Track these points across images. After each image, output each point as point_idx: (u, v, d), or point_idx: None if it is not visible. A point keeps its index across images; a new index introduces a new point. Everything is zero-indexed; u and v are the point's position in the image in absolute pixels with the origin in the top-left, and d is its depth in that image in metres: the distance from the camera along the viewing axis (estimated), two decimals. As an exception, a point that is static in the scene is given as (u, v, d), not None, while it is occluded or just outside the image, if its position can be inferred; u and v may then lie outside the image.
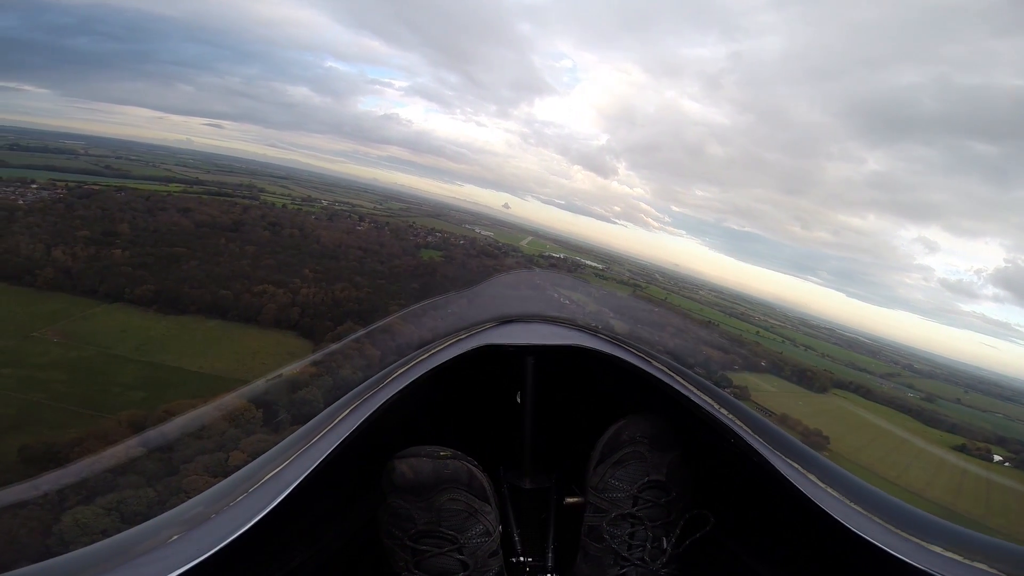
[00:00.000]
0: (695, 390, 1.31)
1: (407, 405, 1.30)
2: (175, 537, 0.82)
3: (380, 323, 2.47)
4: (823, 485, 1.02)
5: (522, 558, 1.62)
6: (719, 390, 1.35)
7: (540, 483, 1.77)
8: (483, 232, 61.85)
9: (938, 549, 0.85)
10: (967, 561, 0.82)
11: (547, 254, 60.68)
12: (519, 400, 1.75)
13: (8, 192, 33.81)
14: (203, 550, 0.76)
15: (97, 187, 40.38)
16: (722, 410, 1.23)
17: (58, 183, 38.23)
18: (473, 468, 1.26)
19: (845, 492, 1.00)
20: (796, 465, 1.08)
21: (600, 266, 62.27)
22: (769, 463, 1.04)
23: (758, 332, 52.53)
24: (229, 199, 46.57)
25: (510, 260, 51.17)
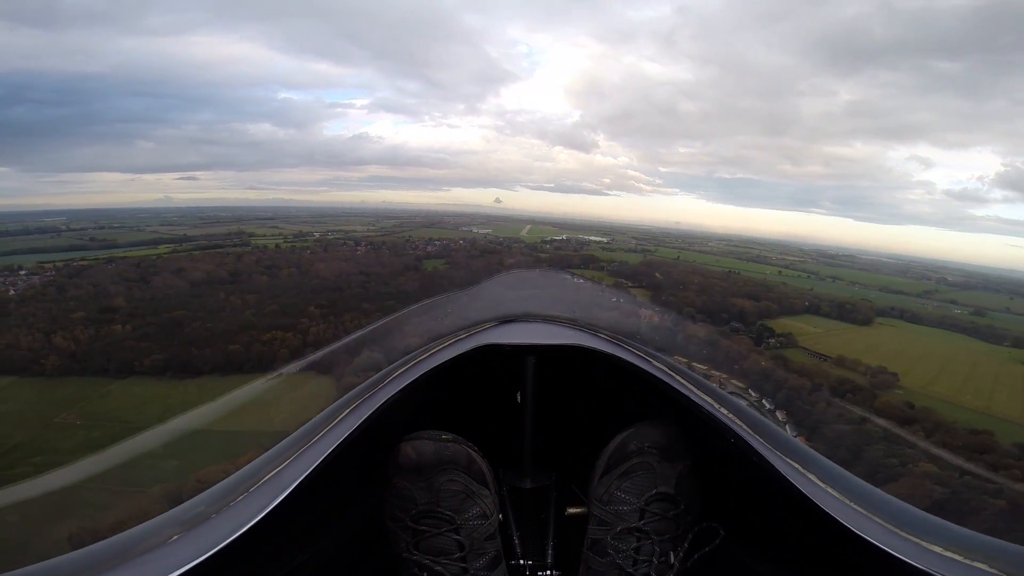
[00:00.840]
0: (695, 390, 1.29)
1: (407, 405, 1.29)
2: (175, 537, 0.82)
3: (380, 323, 2.44)
4: (823, 485, 1.01)
5: (522, 561, 1.60)
6: (719, 390, 1.32)
7: (540, 482, 1.78)
8: (480, 231, 61.31)
9: (938, 549, 0.84)
10: (967, 561, 0.81)
11: (549, 238, 60.39)
12: (519, 400, 1.74)
13: (-2, 283, 33.23)
14: (203, 550, 0.76)
15: (86, 263, 39.84)
16: (722, 409, 1.21)
17: (46, 265, 37.47)
18: (472, 452, 1.26)
19: (845, 492, 0.99)
20: (796, 465, 1.06)
21: (605, 239, 62.09)
22: (769, 463, 1.02)
23: (780, 272, 52.00)
24: (220, 250, 45.82)
25: (515, 251, 50.25)
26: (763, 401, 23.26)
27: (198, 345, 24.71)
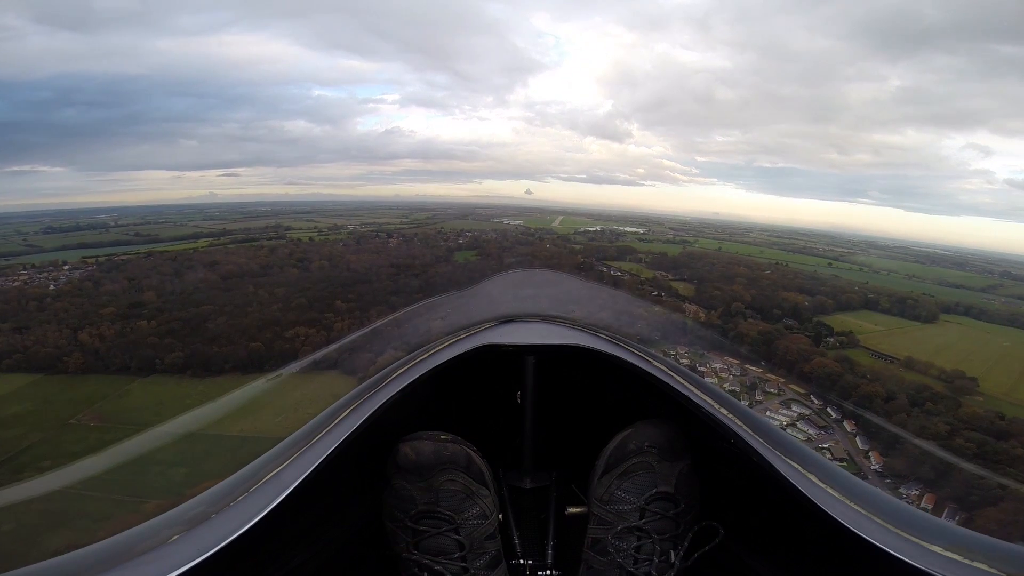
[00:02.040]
0: (695, 390, 1.27)
1: (407, 405, 1.28)
2: (175, 537, 0.82)
3: (380, 323, 2.36)
4: (823, 485, 0.99)
5: (522, 561, 1.58)
6: (719, 390, 1.30)
7: (540, 482, 1.77)
8: (512, 222, 60.12)
9: (938, 549, 0.83)
10: (967, 561, 0.80)
11: (582, 229, 58.95)
12: (519, 400, 1.73)
13: (42, 278, 33.72)
14: (203, 550, 0.76)
15: (126, 257, 40.22)
16: (722, 410, 1.19)
17: (89, 260, 38.26)
18: (472, 453, 1.25)
19: (845, 492, 0.97)
20: (796, 465, 1.04)
21: (641, 230, 60.43)
22: (769, 463, 1.01)
23: (830, 264, 48.91)
24: (254, 244, 45.66)
25: (547, 243, 48.59)
26: (827, 410, 20.50)
27: (220, 342, 23.50)
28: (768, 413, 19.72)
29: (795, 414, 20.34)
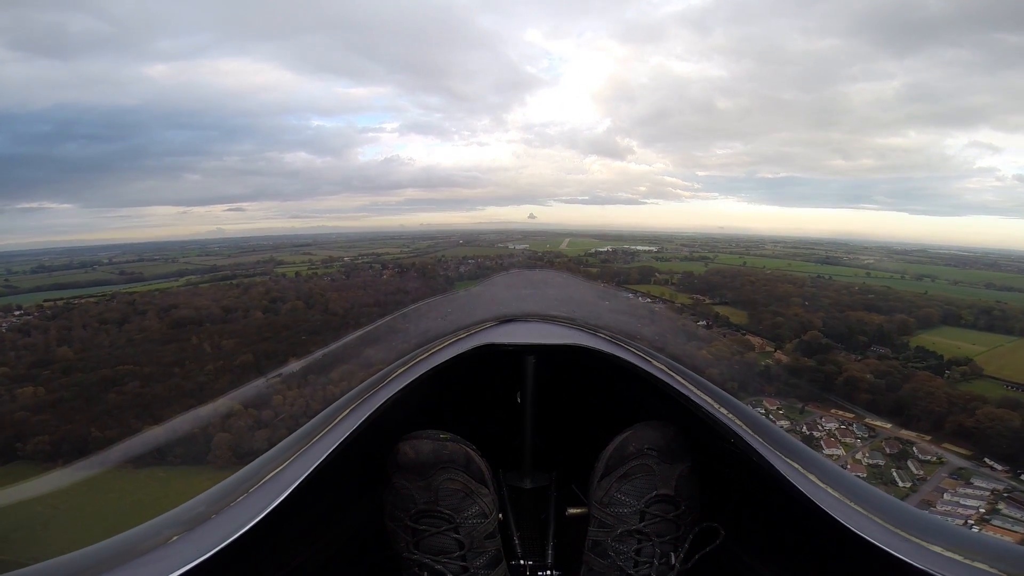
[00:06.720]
0: (695, 390, 1.23)
1: (407, 405, 1.23)
2: (175, 537, 0.80)
3: (380, 323, 2.28)
4: (823, 485, 0.96)
5: (522, 561, 1.52)
6: (719, 390, 1.25)
7: (540, 482, 1.70)
8: (517, 247, 56.00)
9: (938, 549, 0.80)
10: (967, 561, 0.77)
11: (593, 251, 53.09)
12: (519, 400, 1.66)
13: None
14: (203, 550, 0.74)
15: (88, 300, 35.05)
16: (722, 410, 1.15)
17: (47, 304, 32.75)
18: (471, 452, 1.21)
19: (845, 492, 0.94)
20: (796, 465, 1.00)
21: (653, 248, 54.21)
22: (769, 463, 0.98)
23: (868, 273, 41.66)
24: (230, 282, 39.38)
25: (559, 267, 42.10)
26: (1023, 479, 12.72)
27: (109, 420, 16.47)
28: (945, 496, 12.23)
29: (986, 492, 12.76)
